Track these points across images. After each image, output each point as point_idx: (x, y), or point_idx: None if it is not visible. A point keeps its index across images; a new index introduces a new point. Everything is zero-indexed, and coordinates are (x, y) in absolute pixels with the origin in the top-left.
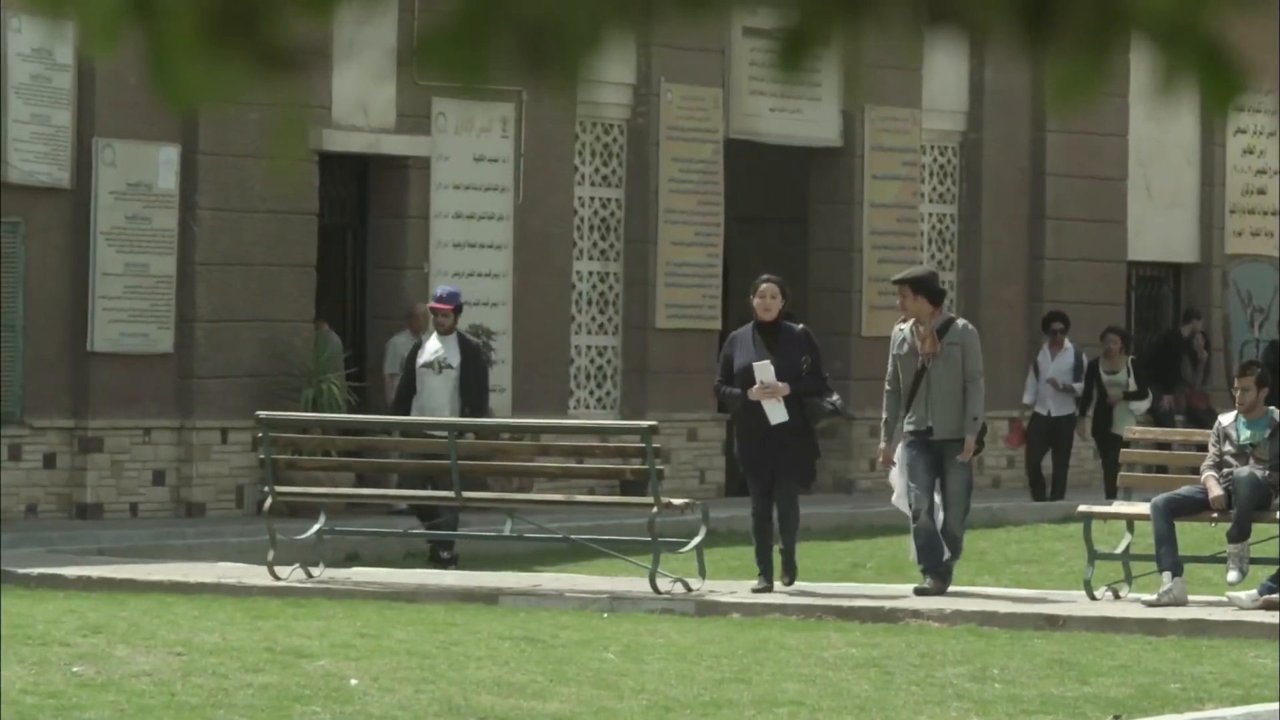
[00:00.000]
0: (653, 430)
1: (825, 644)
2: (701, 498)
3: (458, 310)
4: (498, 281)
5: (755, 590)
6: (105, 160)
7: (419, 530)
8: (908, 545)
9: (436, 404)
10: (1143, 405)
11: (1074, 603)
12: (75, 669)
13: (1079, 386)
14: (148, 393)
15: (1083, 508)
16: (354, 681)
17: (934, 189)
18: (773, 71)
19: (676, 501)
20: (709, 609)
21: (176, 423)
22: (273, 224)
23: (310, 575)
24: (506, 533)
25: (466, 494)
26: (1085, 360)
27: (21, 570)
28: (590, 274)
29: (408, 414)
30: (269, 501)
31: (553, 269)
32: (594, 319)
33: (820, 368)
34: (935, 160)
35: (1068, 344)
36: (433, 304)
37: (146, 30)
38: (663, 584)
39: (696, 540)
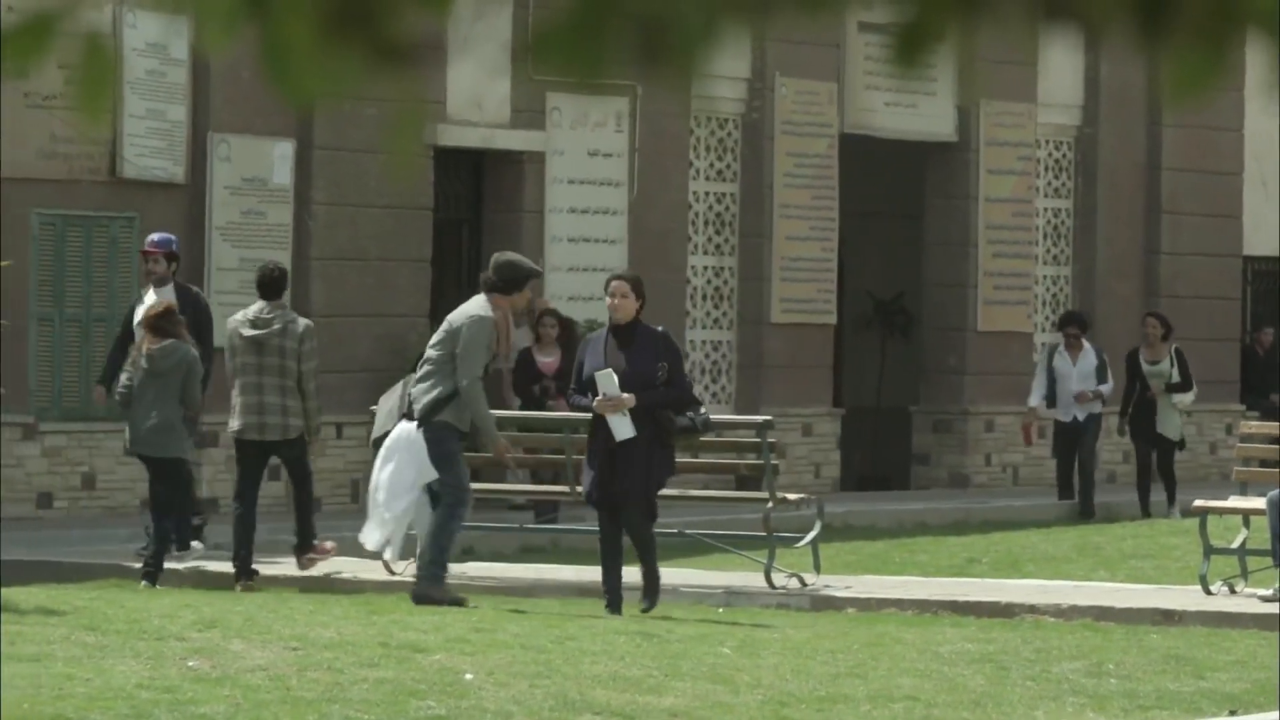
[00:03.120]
0: (768, 425)
1: (941, 639)
2: (817, 492)
3: (171, 258)
4: None
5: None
6: (220, 155)
7: (534, 525)
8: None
9: None
10: (1188, 398)
11: (1190, 597)
12: (190, 664)
13: (1106, 389)
14: None
15: (1199, 502)
16: (469, 676)
17: (1049, 184)
18: (888, 66)
19: (792, 496)
20: (824, 604)
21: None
22: (388, 219)
23: None
24: None
25: (580, 488)
26: (1108, 359)
27: (138, 565)
28: (705, 269)
29: (117, 373)
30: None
31: (667, 264)
32: (709, 314)
33: (682, 376)
34: (1050, 155)
35: (1087, 345)
36: (143, 249)
37: (263, 24)
38: (778, 579)
39: (812, 535)
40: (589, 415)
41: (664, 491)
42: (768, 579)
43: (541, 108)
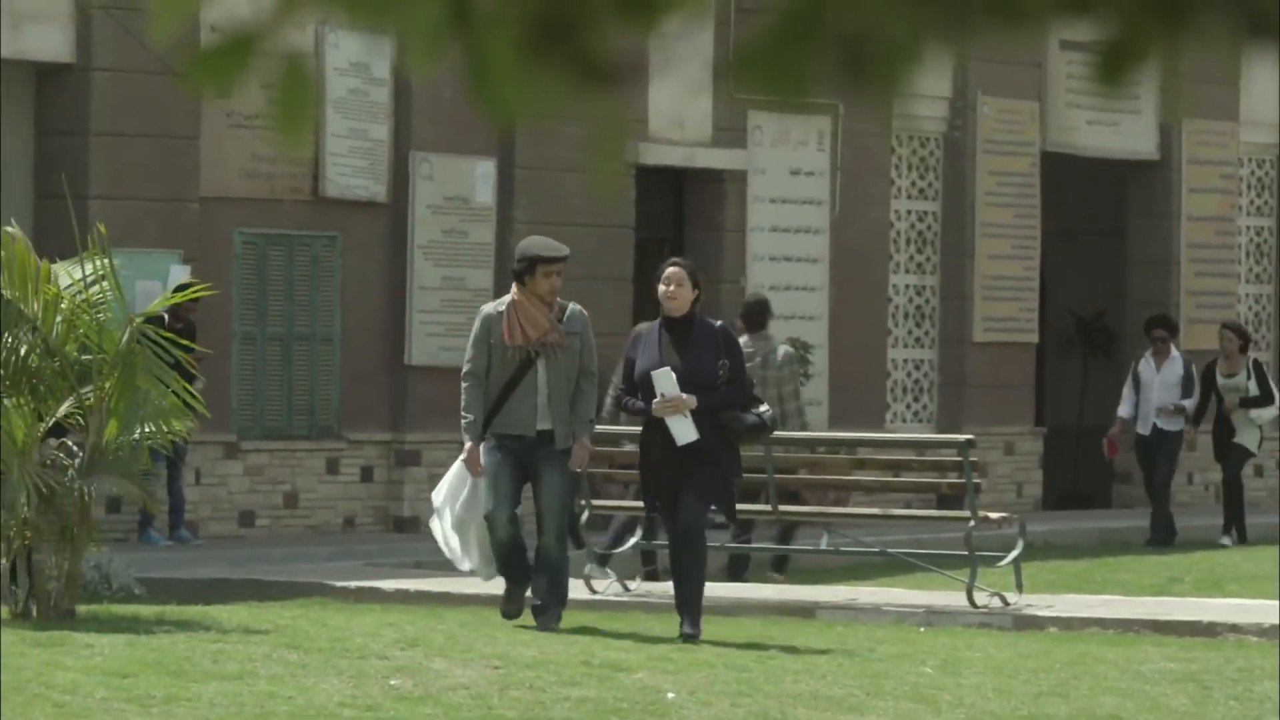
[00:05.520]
0: (970, 444)
1: (1143, 658)
2: (1019, 511)
3: None
4: (814, 295)
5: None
6: (422, 174)
7: (733, 544)
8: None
9: None
10: (1268, 413)
11: None
12: (392, 682)
13: (1189, 404)
14: None
15: None
16: (671, 695)
17: (1251, 202)
18: (1091, 85)
19: (994, 515)
20: (1026, 623)
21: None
22: (589, 237)
23: (627, 588)
24: (823, 546)
25: (782, 507)
26: (1195, 371)
27: (339, 584)
28: (907, 287)
29: None
30: (585, 515)
31: (869, 282)
32: (910, 332)
33: (743, 375)
34: (1253, 173)
35: (1175, 353)
36: None
37: (467, 44)
38: (980, 598)
39: (1014, 554)
40: (657, 419)
41: (865, 510)
42: (970, 598)
43: (743, 126)
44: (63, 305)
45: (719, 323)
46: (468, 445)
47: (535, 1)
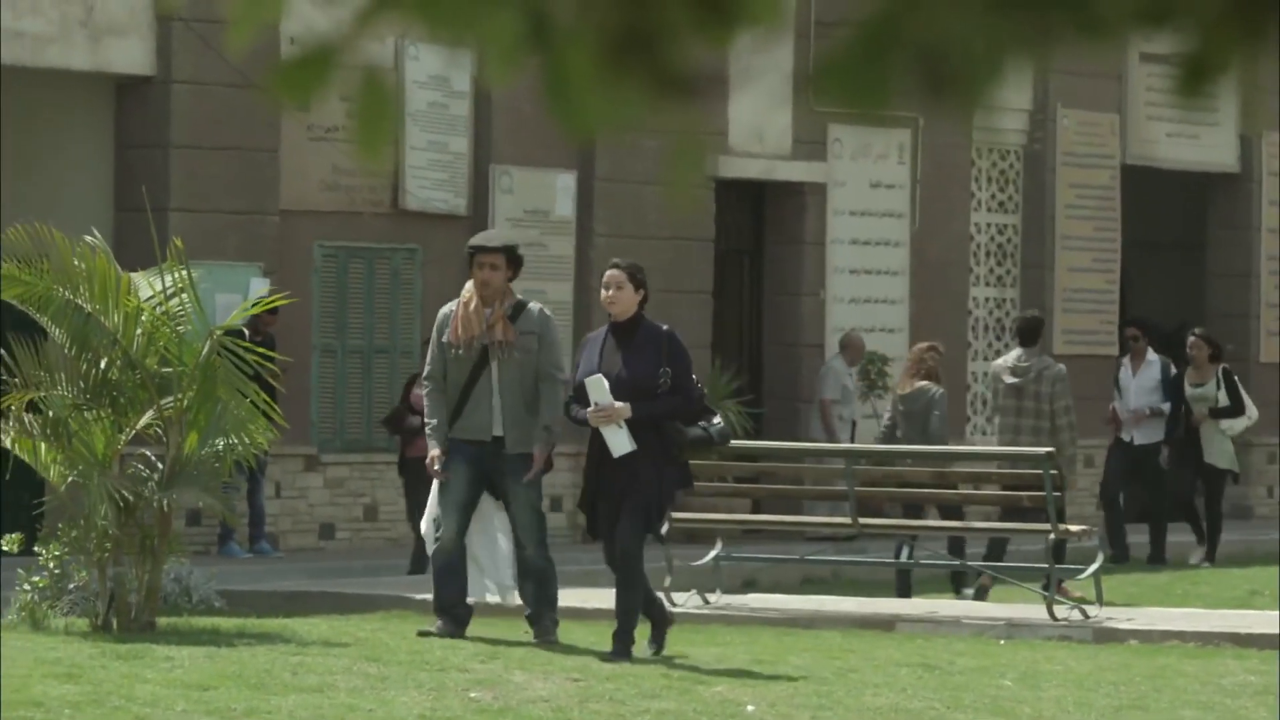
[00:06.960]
0: (1050, 457)
1: (1223, 671)
2: (1099, 524)
3: None
4: (894, 308)
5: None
6: (502, 187)
7: (817, 556)
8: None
9: None
10: (1238, 424)
11: None
12: (472, 694)
13: (1169, 407)
14: None
15: None
16: (751, 708)
17: None
18: (1172, 97)
19: (1074, 528)
20: (1106, 636)
21: (574, 449)
22: (669, 250)
23: (707, 601)
24: (904, 559)
25: (863, 520)
26: (1174, 372)
27: (419, 596)
28: (987, 300)
29: None
30: (665, 527)
31: (949, 295)
32: (990, 345)
33: (690, 383)
34: None
35: (1151, 355)
36: None
37: (546, 57)
38: (1060, 611)
39: (1094, 567)
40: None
41: (946, 523)
42: (1050, 611)
43: (823, 139)
44: (143, 318)
45: (665, 327)
46: (433, 452)
47: (614, 14)
